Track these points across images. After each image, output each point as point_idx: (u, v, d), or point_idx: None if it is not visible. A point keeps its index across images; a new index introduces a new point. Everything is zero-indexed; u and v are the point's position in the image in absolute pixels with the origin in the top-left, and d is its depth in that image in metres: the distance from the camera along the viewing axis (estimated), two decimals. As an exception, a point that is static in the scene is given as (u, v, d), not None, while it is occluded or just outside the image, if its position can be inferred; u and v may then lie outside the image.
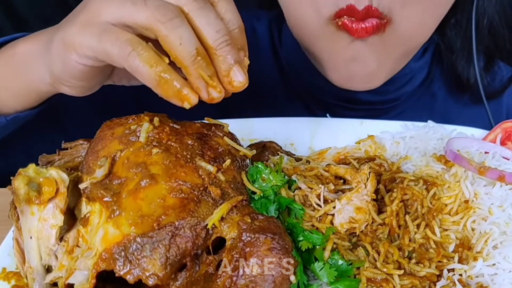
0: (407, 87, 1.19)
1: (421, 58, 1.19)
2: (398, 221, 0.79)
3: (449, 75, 1.23)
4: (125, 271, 0.66)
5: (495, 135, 0.97)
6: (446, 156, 0.87)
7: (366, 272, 0.72)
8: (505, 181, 0.82)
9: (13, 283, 0.77)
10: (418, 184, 0.83)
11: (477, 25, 1.12)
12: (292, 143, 0.98)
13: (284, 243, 0.68)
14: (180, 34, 0.67)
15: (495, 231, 0.78)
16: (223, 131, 0.80)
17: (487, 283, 0.73)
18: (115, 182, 0.72)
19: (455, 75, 1.20)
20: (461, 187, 0.82)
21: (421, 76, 1.21)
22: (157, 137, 0.75)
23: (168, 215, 0.68)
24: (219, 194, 0.71)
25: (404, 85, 1.19)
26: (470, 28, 1.12)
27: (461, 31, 1.16)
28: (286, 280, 0.67)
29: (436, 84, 1.24)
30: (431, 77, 1.23)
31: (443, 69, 1.23)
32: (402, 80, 1.18)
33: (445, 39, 1.18)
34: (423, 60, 1.20)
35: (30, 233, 0.73)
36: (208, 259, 0.70)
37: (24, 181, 0.71)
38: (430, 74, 1.23)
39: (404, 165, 0.90)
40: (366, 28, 0.94)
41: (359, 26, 0.93)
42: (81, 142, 0.84)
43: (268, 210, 0.76)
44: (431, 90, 1.24)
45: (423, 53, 1.19)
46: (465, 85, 1.20)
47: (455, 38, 1.17)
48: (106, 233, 0.68)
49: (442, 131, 0.97)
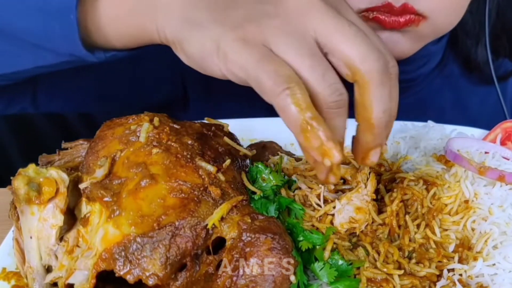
0: (424, 69, 1.22)
1: (438, 42, 1.21)
2: (398, 221, 0.79)
3: (462, 57, 1.25)
4: (125, 271, 0.66)
5: (495, 135, 0.97)
6: (446, 156, 0.87)
7: (366, 272, 0.72)
8: (505, 181, 0.82)
9: (13, 283, 0.77)
10: (418, 184, 0.83)
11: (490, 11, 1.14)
12: (292, 143, 0.98)
13: (284, 243, 0.68)
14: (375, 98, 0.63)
15: (495, 231, 0.77)
16: (223, 131, 0.81)
17: (487, 283, 0.73)
18: (115, 182, 0.72)
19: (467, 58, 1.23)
20: (461, 187, 0.82)
21: (437, 58, 1.24)
22: (157, 137, 0.75)
23: (168, 215, 0.68)
24: (219, 194, 0.71)
25: (421, 66, 1.21)
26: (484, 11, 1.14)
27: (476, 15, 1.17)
28: (286, 280, 0.67)
29: (449, 66, 1.26)
30: (445, 61, 1.26)
31: (457, 51, 1.25)
32: (420, 62, 1.20)
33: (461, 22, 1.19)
34: (440, 44, 1.22)
35: (30, 233, 0.73)
36: (208, 259, 0.70)
37: (24, 181, 0.71)
38: (444, 56, 1.25)
39: (404, 165, 0.90)
40: (399, 21, 0.90)
41: (391, 19, 0.90)
42: (81, 142, 0.84)
43: (268, 210, 0.76)
44: (445, 72, 1.26)
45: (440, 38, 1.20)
46: (476, 67, 1.22)
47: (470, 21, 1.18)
48: (106, 233, 0.68)
49: (442, 131, 0.97)
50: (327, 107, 0.62)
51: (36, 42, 0.78)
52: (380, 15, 0.91)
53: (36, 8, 0.75)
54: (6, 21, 0.78)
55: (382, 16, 0.91)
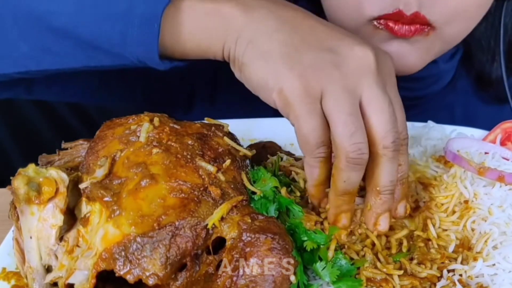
0: (434, 87, 1.20)
1: (450, 61, 1.19)
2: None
3: (475, 75, 1.23)
4: (125, 271, 0.66)
5: (495, 136, 0.97)
6: (446, 157, 0.87)
7: (366, 272, 0.72)
8: (504, 181, 0.82)
9: (13, 283, 0.77)
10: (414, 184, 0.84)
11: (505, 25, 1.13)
12: (292, 143, 0.98)
13: (284, 243, 0.68)
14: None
15: (495, 231, 0.78)
16: (223, 131, 0.80)
17: (487, 283, 0.73)
18: (115, 182, 0.72)
19: (481, 74, 1.21)
20: (458, 187, 0.82)
21: (448, 77, 1.22)
22: (157, 137, 0.75)
23: (168, 215, 0.68)
24: (219, 194, 0.71)
25: (431, 84, 1.19)
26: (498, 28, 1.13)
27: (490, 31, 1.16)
28: (286, 280, 0.67)
29: (461, 84, 1.24)
30: (457, 78, 1.24)
31: (469, 69, 1.23)
32: (430, 80, 1.18)
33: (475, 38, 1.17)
34: (451, 63, 1.20)
35: (30, 233, 0.73)
36: (208, 259, 0.70)
37: (24, 181, 0.71)
38: (456, 74, 1.23)
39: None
40: (410, 29, 0.91)
41: (403, 27, 0.91)
42: (81, 142, 0.84)
43: (268, 210, 0.76)
44: (456, 89, 1.24)
45: (452, 56, 1.19)
46: (490, 83, 1.20)
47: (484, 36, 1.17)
48: (106, 233, 0.68)
49: (442, 131, 0.97)
50: (347, 161, 0.69)
51: (104, 46, 0.78)
52: (390, 23, 0.92)
53: (117, 14, 0.76)
54: (75, 24, 0.78)
55: (392, 24, 0.92)
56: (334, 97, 0.69)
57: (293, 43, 0.72)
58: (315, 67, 0.70)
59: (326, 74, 0.70)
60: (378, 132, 0.70)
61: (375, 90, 0.71)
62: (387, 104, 0.71)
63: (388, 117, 0.70)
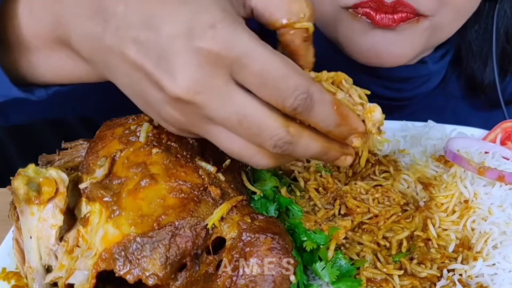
0: (423, 88, 1.18)
1: (440, 61, 1.17)
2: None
3: (466, 78, 1.20)
4: (125, 271, 0.66)
5: (495, 135, 0.97)
6: (446, 156, 0.87)
7: (366, 272, 0.72)
8: (504, 181, 0.82)
9: (13, 283, 0.77)
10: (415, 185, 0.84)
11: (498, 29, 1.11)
12: (292, 143, 0.98)
13: (284, 243, 0.68)
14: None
15: (495, 231, 0.78)
16: (223, 131, 0.80)
17: (487, 283, 0.73)
18: (115, 182, 0.72)
19: (472, 78, 1.18)
20: (458, 186, 0.82)
21: (438, 78, 1.20)
22: (157, 137, 0.75)
23: (168, 215, 0.68)
24: (219, 194, 0.71)
25: (420, 85, 1.17)
26: (491, 32, 1.10)
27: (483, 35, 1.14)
28: (286, 280, 0.67)
29: (451, 87, 1.22)
30: (447, 80, 1.22)
31: (460, 72, 1.21)
32: (419, 81, 1.16)
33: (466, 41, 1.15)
34: (441, 64, 1.18)
35: (30, 233, 0.73)
36: (208, 259, 0.70)
37: (24, 181, 0.71)
38: (446, 77, 1.21)
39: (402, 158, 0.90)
40: (394, 18, 0.87)
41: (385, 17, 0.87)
42: (81, 142, 0.84)
43: (268, 210, 0.76)
44: (445, 92, 1.22)
45: (442, 57, 1.17)
46: (482, 88, 1.17)
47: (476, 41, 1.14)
48: (106, 233, 0.68)
49: (442, 130, 0.97)
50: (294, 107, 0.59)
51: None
52: (371, 10, 0.88)
53: None
54: None
55: (372, 12, 0.88)
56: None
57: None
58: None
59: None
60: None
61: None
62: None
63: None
